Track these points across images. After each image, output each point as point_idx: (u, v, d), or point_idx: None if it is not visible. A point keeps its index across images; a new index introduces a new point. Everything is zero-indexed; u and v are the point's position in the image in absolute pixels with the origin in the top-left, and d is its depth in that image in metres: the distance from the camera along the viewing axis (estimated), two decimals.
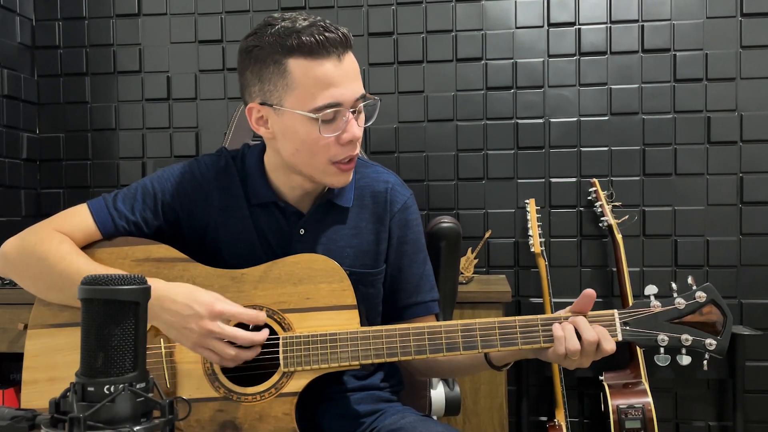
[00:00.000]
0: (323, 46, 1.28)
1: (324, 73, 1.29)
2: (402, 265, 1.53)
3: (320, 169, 1.36)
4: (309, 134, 1.32)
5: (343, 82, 1.30)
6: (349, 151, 1.34)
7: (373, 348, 1.32)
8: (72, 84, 3.19)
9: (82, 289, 0.82)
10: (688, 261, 2.92)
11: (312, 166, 1.37)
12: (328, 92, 1.29)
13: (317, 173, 1.38)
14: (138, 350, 0.82)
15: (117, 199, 1.44)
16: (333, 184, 1.40)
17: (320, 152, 1.33)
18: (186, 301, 1.28)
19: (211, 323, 1.25)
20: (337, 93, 1.30)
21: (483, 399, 2.57)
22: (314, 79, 1.29)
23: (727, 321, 1.30)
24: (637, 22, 2.93)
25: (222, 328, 1.26)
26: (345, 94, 1.30)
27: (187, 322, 1.26)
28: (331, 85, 1.29)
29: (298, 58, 1.29)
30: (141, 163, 3.17)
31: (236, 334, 1.27)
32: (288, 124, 1.34)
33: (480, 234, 3.00)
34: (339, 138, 1.32)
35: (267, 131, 1.39)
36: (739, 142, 2.89)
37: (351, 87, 1.31)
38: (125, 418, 0.79)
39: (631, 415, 2.62)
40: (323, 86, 1.29)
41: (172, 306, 1.28)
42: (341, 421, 1.47)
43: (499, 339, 1.30)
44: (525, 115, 2.99)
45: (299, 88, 1.30)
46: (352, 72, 1.33)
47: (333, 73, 1.29)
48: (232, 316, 1.28)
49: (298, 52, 1.29)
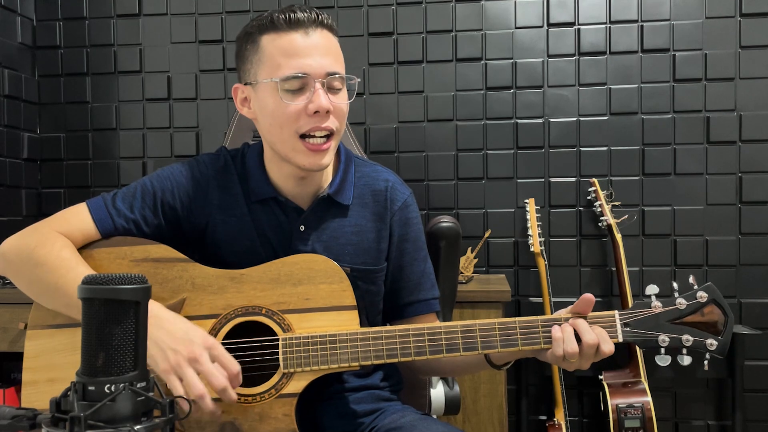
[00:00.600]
0: (291, 20, 1.34)
1: (289, 42, 1.34)
2: (403, 263, 1.53)
3: (290, 145, 1.37)
4: (277, 105, 1.35)
5: (309, 53, 1.33)
6: (315, 122, 1.35)
7: (373, 349, 1.31)
8: (73, 84, 3.20)
9: (82, 288, 0.81)
10: (688, 260, 2.92)
11: (283, 141, 1.38)
12: (294, 61, 1.33)
13: (289, 151, 1.38)
14: (138, 349, 0.82)
15: (116, 198, 1.44)
16: (305, 166, 1.38)
17: (287, 123, 1.35)
18: (184, 327, 1.26)
19: (200, 352, 1.22)
20: (303, 63, 1.33)
21: (483, 398, 2.57)
22: (280, 49, 1.34)
23: (729, 321, 1.30)
24: (636, 22, 2.94)
25: (207, 360, 1.23)
26: (311, 65, 1.33)
27: (177, 344, 1.23)
28: (296, 55, 1.33)
29: (269, 33, 1.36)
30: (141, 162, 3.18)
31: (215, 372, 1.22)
32: (261, 98, 1.38)
33: (480, 233, 3.01)
34: (306, 108, 1.34)
35: (249, 111, 1.44)
36: (738, 141, 2.90)
37: (318, 59, 1.33)
38: (126, 417, 0.79)
39: (631, 414, 2.62)
40: (288, 55, 1.33)
41: (168, 326, 1.26)
42: (341, 420, 1.47)
43: (499, 340, 1.30)
44: (525, 115, 3.00)
45: (268, 59, 1.36)
46: (321, 46, 1.35)
47: (299, 43, 1.34)
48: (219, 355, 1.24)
49: (269, 29, 1.36)
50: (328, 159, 1.40)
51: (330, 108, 1.35)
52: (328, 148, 1.39)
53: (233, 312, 1.35)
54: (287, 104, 1.34)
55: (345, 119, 1.43)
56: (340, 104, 1.38)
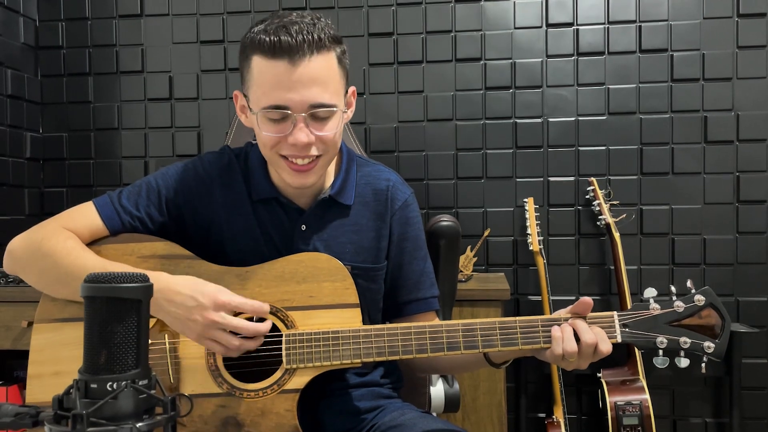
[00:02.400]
0: (276, 47, 1.29)
1: (274, 74, 1.30)
2: (403, 262, 1.54)
3: (275, 162, 1.39)
4: (259, 131, 1.37)
5: (291, 86, 1.30)
6: (295, 151, 1.34)
7: (375, 346, 1.32)
8: (75, 84, 3.21)
9: (84, 287, 0.82)
10: (686, 259, 2.93)
11: (269, 158, 1.40)
12: (275, 94, 1.31)
13: (276, 166, 1.40)
14: (140, 347, 0.82)
15: (122, 196, 1.46)
16: (290, 183, 1.39)
17: (268, 145, 1.36)
18: (190, 293, 1.29)
19: (215, 314, 1.27)
20: (284, 97, 1.30)
21: (482, 396, 2.57)
22: (264, 77, 1.32)
23: (726, 324, 1.31)
24: (634, 22, 2.94)
25: (226, 318, 1.27)
26: (293, 99, 1.30)
27: (191, 314, 1.27)
28: (278, 88, 1.30)
29: (259, 55, 1.32)
30: (143, 162, 3.18)
31: (240, 324, 1.28)
32: (251, 118, 1.39)
33: (479, 232, 3.01)
34: (286, 139, 1.33)
35: (247, 120, 1.44)
36: (735, 141, 2.90)
37: (301, 92, 1.30)
38: (128, 415, 0.80)
39: (629, 411, 2.63)
40: (271, 87, 1.31)
41: (176, 298, 1.29)
42: (342, 417, 1.48)
43: (499, 339, 1.31)
44: (523, 114, 3.01)
45: (254, 84, 1.34)
46: (306, 77, 1.30)
47: (282, 76, 1.30)
48: (235, 307, 1.29)
49: (259, 50, 1.31)
50: (314, 178, 1.40)
51: (310, 141, 1.33)
52: (313, 168, 1.38)
53: None
54: (266, 135, 1.34)
55: (334, 143, 1.39)
56: (323, 134, 1.35)
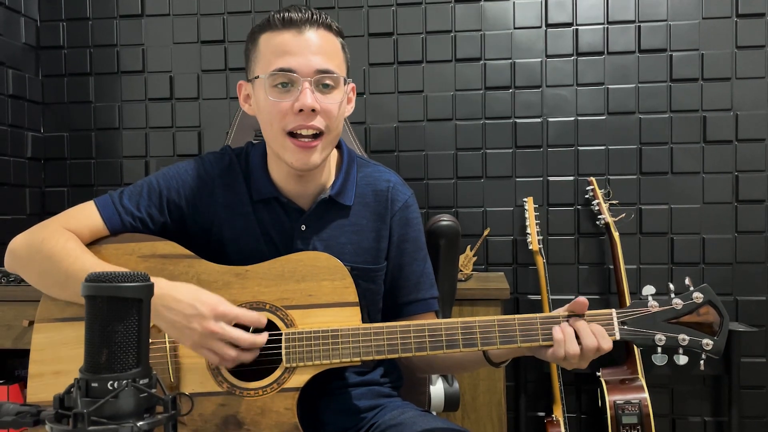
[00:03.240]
0: (286, 20, 1.37)
1: (281, 41, 1.37)
2: (402, 263, 1.54)
3: (279, 142, 1.39)
4: (266, 101, 1.38)
5: (299, 51, 1.35)
6: (301, 120, 1.35)
7: (374, 344, 1.32)
8: (76, 84, 3.21)
9: (85, 286, 0.82)
10: (685, 258, 2.94)
11: (274, 138, 1.40)
12: (282, 59, 1.35)
13: (279, 148, 1.40)
14: (141, 346, 0.82)
15: (123, 196, 1.46)
16: (293, 163, 1.39)
17: (275, 120, 1.37)
18: (190, 301, 1.28)
19: (214, 324, 1.26)
20: (291, 60, 1.35)
21: (482, 395, 2.58)
22: (272, 46, 1.38)
23: (724, 322, 1.31)
24: (633, 22, 2.95)
25: (224, 329, 1.26)
26: (300, 62, 1.35)
27: (189, 322, 1.26)
28: (285, 53, 1.36)
29: (266, 32, 1.40)
30: (144, 162, 3.19)
31: (238, 335, 1.27)
32: (257, 94, 1.42)
33: (479, 232, 3.02)
34: (292, 107, 1.35)
35: (250, 108, 1.47)
36: (734, 141, 2.91)
37: (308, 57, 1.35)
38: (128, 414, 0.80)
39: (628, 410, 2.63)
40: (279, 53, 1.36)
41: (175, 305, 1.28)
42: (342, 415, 1.48)
43: (498, 337, 1.31)
44: (523, 114, 3.01)
45: (262, 57, 1.40)
46: (313, 44, 1.36)
47: (289, 41, 1.36)
48: (234, 318, 1.28)
49: (267, 28, 1.39)
50: (317, 157, 1.40)
51: (316, 107, 1.35)
52: (316, 146, 1.39)
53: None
54: (274, 101, 1.36)
55: (337, 120, 1.41)
56: (328, 104, 1.38)
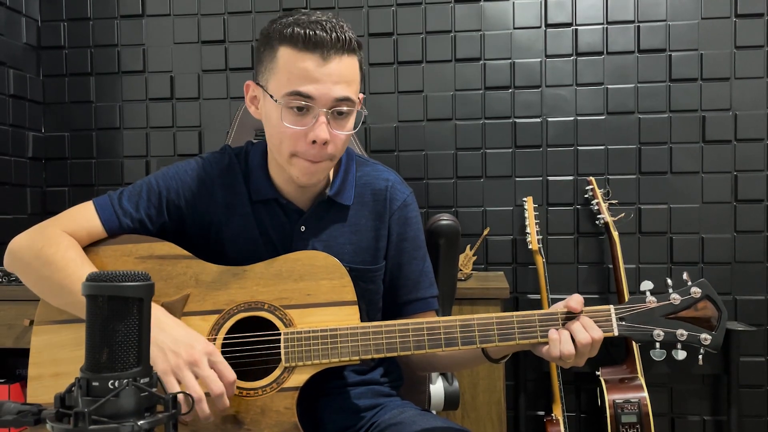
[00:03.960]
0: (311, 41, 1.30)
1: (304, 66, 1.31)
2: (402, 262, 1.53)
3: (286, 159, 1.38)
4: (278, 122, 1.34)
5: (321, 79, 1.31)
6: (312, 148, 1.34)
7: (373, 343, 1.32)
8: (77, 84, 3.22)
9: (86, 285, 0.82)
10: (684, 258, 2.94)
11: (280, 155, 1.39)
12: (303, 83, 1.31)
13: (285, 164, 1.39)
14: (142, 345, 0.82)
15: (122, 197, 1.45)
16: (298, 179, 1.39)
17: (286, 142, 1.35)
18: (185, 332, 1.28)
19: (200, 356, 1.25)
20: (311, 88, 1.31)
21: (481, 394, 2.58)
22: (294, 69, 1.32)
23: (722, 316, 1.30)
24: (633, 22, 2.95)
25: (205, 365, 1.25)
26: (320, 90, 1.31)
27: (178, 346, 1.25)
28: (306, 79, 1.31)
29: (288, 47, 1.32)
30: (145, 161, 3.20)
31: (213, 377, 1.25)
32: (268, 107, 1.38)
33: (478, 231, 3.02)
34: (305, 135, 1.33)
35: (257, 111, 1.44)
36: (733, 141, 2.91)
37: (328, 87, 1.31)
38: (129, 413, 0.80)
39: (627, 409, 2.63)
40: (300, 78, 1.31)
41: (169, 329, 1.28)
42: (342, 415, 1.48)
43: (497, 334, 1.31)
44: (523, 114, 3.01)
45: (280, 74, 1.34)
46: (335, 74, 1.32)
47: (312, 69, 1.31)
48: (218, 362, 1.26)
49: (289, 42, 1.32)
50: (320, 175, 1.41)
51: (328, 139, 1.33)
52: (323, 167, 1.39)
53: (236, 307, 1.37)
54: (287, 126, 1.33)
55: (345, 145, 1.41)
56: (341, 135, 1.36)
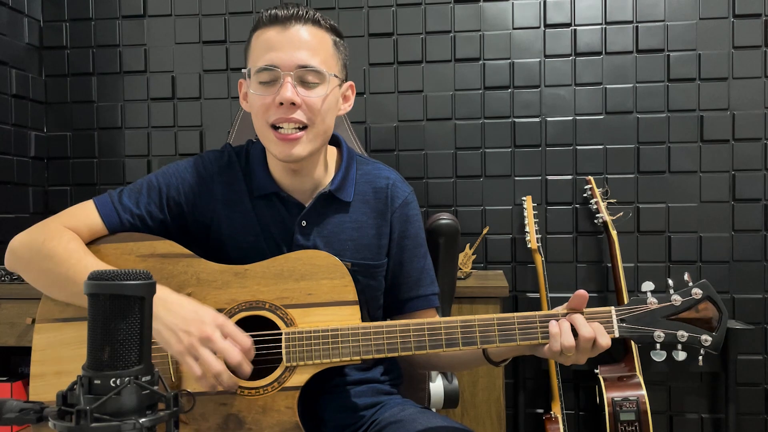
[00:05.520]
0: (272, 17, 1.39)
1: (266, 37, 1.39)
2: (403, 260, 1.54)
3: (264, 134, 1.42)
4: (252, 96, 1.42)
5: (281, 47, 1.37)
6: (282, 113, 1.37)
7: (374, 343, 1.32)
8: (79, 83, 3.22)
9: (88, 284, 0.82)
10: (682, 257, 2.95)
11: (260, 131, 1.43)
12: (267, 55, 1.38)
13: (265, 140, 1.43)
14: (143, 344, 0.83)
15: (122, 195, 1.46)
16: (277, 155, 1.41)
17: (260, 114, 1.40)
18: (193, 308, 1.29)
19: (211, 331, 1.26)
20: (274, 56, 1.37)
21: (481, 392, 2.59)
22: (259, 43, 1.40)
23: (723, 317, 1.30)
24: (631, 23, 2.96)
25: (219, 337, 1.26)
26: (281, 57, 1.36)
27: (188, 325, 1.26)
28: (270, 49, 1.38)
29: (257, 30, 1.42)
30: (146, 161, 3.21)
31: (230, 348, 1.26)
32: (249, 91, 1.44)
33: (478, 230, 3.03)
34: (274, 100, 1.37)
35: (247, 106, 1.49)
36: (731, 140, 2.92)
37: (290, 53, 1.37)
38: (131, 411, 0.80)
39: (626, 407, 2.64)
40: (264, 50, 1.39)
41: (177, 309, 1.28)
42: (342, 413, 1.49)
43: (498, 335, 1.31)
44: (522, 114, 3.02)
45: (251, 54, 1.43)
46: (296, 40, 1.38)
47: (273, 38, 1.38)
48: (230, 333, 1.28)
49: (259, 26, 1.42)
50: (300, 150, 1.40)
51: (296, 100, 1.36)
52: (299, 138, 1.39)
53: (237, 307, 1.37)
54: (258, 96, 1.39)
55: (321, 114, 1.40)
56: (310, 98, 1.38)
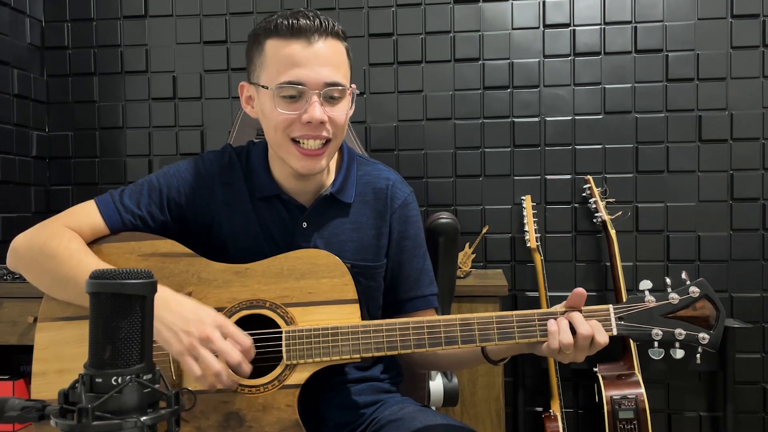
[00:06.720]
0: (294, 28, 1.35)
1: (290, 52, 1.35)
2: (402, 260, 1.55)
3: (284, 148, 1.40)
4: (272, 110, 1.38)
5: (308, 63, 1.34)
6: (308, 130, 1.36)
7: (374, 341, 1.32)
8: (80, 83, 3.23)
9: (89, 283, 0.82)
10: (680, 256, 2.96)
11: (279, 144, 1.41)
12: (292, 71, 1.34)
13: (284, 153, 1.41)
14: (144, 342, 0.83)
15: (123, 195, 1.47)
16: (298, 169, 1.40)
17: (281, 128, 1.38)
18: (193, 308, 1.29)
19: (211, 331, 1.26)
20: (300, 73, 1.34)
21: (480, 390, 2.60)
22: (281, 57, 1.36)
23: (720, 316, 1.31)
24: (630, 23, 2.97)
25: (219, 337, 1.26)
26: (309, 75, 1.34)
27: (188, 325, 1.26)
28: (294, 65, 1.34)
29: (273, 38, 1.37)
30: (147, 160, 3.21)
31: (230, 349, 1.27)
32: (262, 100, 1.41)
33: (477, 229, 3.04)
34: (300, 118, 1.35)
35: (253, 110, 1.48)
36: (729, 140, 2.93)
37: (316, 69, 1.34)
38: (132, 409, 0.80)
39: (625, 405, 2.65)
40: (288, 65, 1.35)
41: (177, 308, 1.29)
42: (342, 411, 1.49)
43: (496, 333, 1.31)
44: (521, 113, 3.03)
45: (269, 66, 1.38)
46: (322, 56, 1.35)
47: (298, 53, 1.34)
48: (230, 333, 1.28)
49: (274, 34, 1.37)
50: (323, 163, 1.42)
51: (324, 119, 1.36)
52: (323, 153, 1.40)
53: (238, 305, 1.38)
54: (281, 112, 1.36)
55: (343, 127, 1.42)
56: (337, 115, 1.39)
